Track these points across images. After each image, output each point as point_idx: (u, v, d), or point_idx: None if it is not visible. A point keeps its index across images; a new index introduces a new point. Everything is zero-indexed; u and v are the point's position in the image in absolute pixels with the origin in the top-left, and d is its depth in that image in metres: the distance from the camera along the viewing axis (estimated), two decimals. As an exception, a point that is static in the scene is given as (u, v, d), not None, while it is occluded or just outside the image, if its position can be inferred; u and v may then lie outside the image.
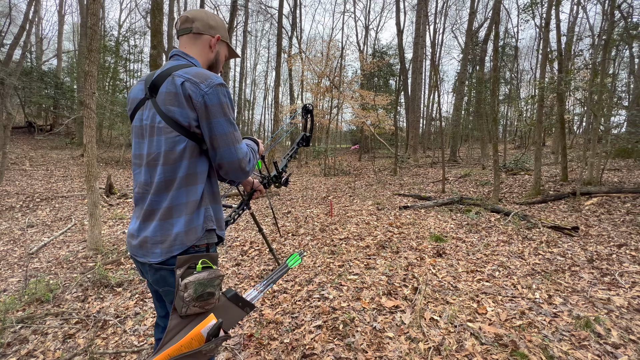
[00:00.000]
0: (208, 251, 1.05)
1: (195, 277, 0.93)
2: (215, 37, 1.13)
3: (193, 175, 0.99)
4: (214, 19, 1.12)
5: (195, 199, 0.99)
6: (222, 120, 0.97)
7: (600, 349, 1.88)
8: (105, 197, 7.29)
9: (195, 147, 0.99)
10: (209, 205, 1.04)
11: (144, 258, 1.01)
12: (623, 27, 6.33)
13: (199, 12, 1.10)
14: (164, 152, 0.96)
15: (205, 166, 1.03)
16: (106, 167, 12.93)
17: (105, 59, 16.19)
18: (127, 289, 2.93)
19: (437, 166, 12.74)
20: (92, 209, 3.83)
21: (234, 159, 1.01)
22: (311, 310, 2.41)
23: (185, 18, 1.08)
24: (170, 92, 0.95)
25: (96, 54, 3.50)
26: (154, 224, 0.98)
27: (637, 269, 2.92)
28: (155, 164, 0.99)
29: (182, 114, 0.95)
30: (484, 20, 20.96)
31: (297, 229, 4.87)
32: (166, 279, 1.00)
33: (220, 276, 0.98)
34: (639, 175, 6.92)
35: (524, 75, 24.45)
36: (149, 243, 0.99)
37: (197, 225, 1.00)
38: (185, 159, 0.97)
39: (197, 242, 1.00)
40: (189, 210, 0.98)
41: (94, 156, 3.74)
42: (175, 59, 1.06)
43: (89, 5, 3.51)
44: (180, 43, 1.11)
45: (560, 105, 6.72)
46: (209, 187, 1.06)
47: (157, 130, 0.97)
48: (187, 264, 0.96)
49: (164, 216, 0.97)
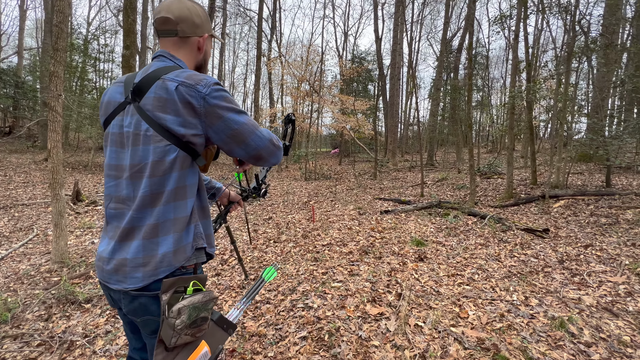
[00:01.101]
0: (196, 272, 0.96)
1: (190, 300, 0.83)
2: (203, 37, 1.03)
3: (182, 189, 0.90)
4: (197, 15, 1.01)
5: (185, 215, 0.90)
6: (234, 114, 0.90)
7: (574, 349, 1.96)
8: (72, 205, 6.84)
9: (186, 158, 0.89)
10: (198, 222, 0.95)
11: (119, 285, 0.87)
12: (583, 41, 6.81)
13: (180, 10, 0.97)
14: (151, 162, 0.86)
15: (195, 178, 0.94)
16: (73, 172, 12.18)
17: (72, 57, 15.32)
18: (97, 304, 2.73)
19: (416, 170, 13.06)
20: (58, 219, 3.56)
21: (266, 142, 0.97)
22: (295, 321, 2.36)
23: (166, 19, 0.96)
24: (162, 97, 0.85)
25: (63, 53, 3.27)
26: (135, 244, 0.87)
27: (603, 269, 3.10)
28: (140, 176, 0.87)
29: (177, 122, 0.85)
30: (457, 29, 21.90)
31: (278, 236, 4.78)
32: (147, 307, 0.88)
33: (214, 298, 0.89)
34: (599, 179, 7.42)
35: (495, 83, 25.72)
36: (128, 266, 0.86)
37: (186, 244, 0.90)
38: (176, 170, 0.87)
39: (185, 262, 0.90)
40: (178, 228, 0.89)
41: (59, 162, 3.49)
42: (161, 60, 0.96)
43: (56, 2, 3.29)
44: (163, 44, 1.00)
45: (529, 112, 7.11)
46: (198, 202, 0.97)
47: (144, 139, 0.86)
48: (173, 288, 0.86)
49: (149, 234, 0.86)
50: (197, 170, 0.95)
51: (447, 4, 15.21)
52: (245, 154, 0.96)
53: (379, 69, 18.62)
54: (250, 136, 0.93)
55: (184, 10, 0.97)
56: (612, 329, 2.15)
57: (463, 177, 9.97)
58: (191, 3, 1.00)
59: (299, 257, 3.78)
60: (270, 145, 0.98)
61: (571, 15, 6.53)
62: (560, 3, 6.77)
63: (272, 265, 1.63)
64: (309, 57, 15.75)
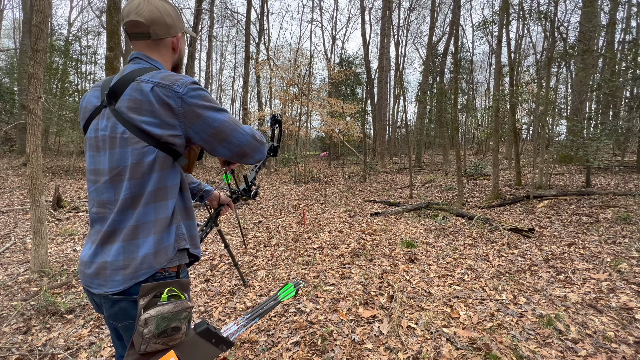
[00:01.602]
0: (178, 276, 0.93)
1: (158, 310, 0.80)
2: (177, 37, 1.02)
3: (163, 190, 0.88)
4: (169, 15, 0.98)
5: (166, 216, 0.89)
6: (214, 113, 0.88)
7: (562, 345, 2.01)
8: (53, 211, 6.58)
9: (166, 159, 0.88)
10: (181, 223, 0.93)
11: (100, 289, 0.86)
12: (562, 47, 7.08)
13: (150, 11, 0.93)
14: (130, 165, 0.84)
15: (177, 179, 0.92)
16: (53, 177, 11.76)
17: (52, 59, 14.85)
18: (79, 315, 2.62)
19: (404, 172, 13.21)
20: (37, 226, 3.41)
21: (249, 138, 0.95)
22: (287, 326, 2.32)
23: (137, 23, 0.92)
24: (137, 99, 0.83)
25: (42, 54, 3.16)
26: (115, 246, 0.85)
27: (586, 266, 3.19)
28: (120, 179, 0.86)
29: (154, 123, 0.84)
30: (442, 34, 22.41)
31: (269, 240, 4.73)
32: (127, 312, 0.87)
33: (187, 308, 0.85)
34: (579, 179, 7.69)
35: (479, 87, 26.42)
36: (108, 269, 0.85)
37: (167, 245, 0.88)
38: (155, 171, 0.86)
39: (167, 263, 0.88)
40: (159, 229, 0.87)
41: (39, 167, 3.35)
42: (137, 62, 0.94)
43: (35, 2, 3.18)
44: (136, 46, 0.98)
45: (512, 115, 7.31)
46: (180, 202, 0.95)
47: (121, 141, 0.85)
48: (152, 293, 0.83)
49: (129, 236, 0.85)
50: (179, 170, 0.94)
51: (432, 10, 15.55)
52: (229, 152, 0.95)
53: (367, 73, 18.84)
54: (232, 133, 0.92)
55: (154, 11, 0.94)
56: (597, 325, 2.21)
57: (450, 178, 10.15)
58: (160, 2, 0.97)
59: (290, 261, 3.74)
60: (253, 141, 0.97)
61: (550, 22, 6.78)
62: (540, 10, 7.03)
63: (291, 283, 1.52)
64: (297, 61, 15.78)
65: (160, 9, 0.95)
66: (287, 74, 15.92)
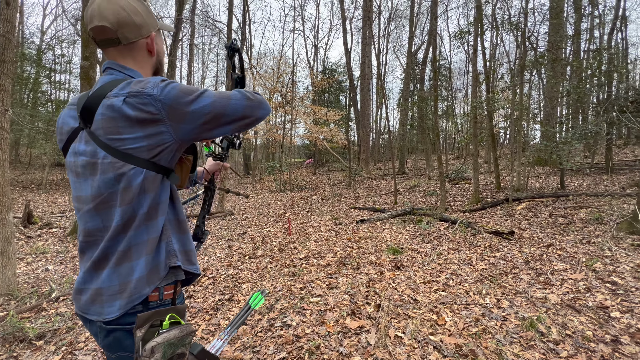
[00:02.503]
0: (174, 303, 0.88)
1: (164, 337, 0.76)
2: (151, 37, 0.91)
3: (154, 208, 0.83)
4: (137, 13, 0.87)
5: (156, 235, 0.84)
6: (198, 99, 0.80)
7: (544, 347, 2.05)
8: (23, 228, 6.23)
9: (155, 177, 0.82)
10: (170, 238, 0.87)
11: (97, 316, 0.81)
12: (533, 56, 7.45)
13: (115, 13, 0.83)
14: (119, 191, 0.79)
15: (166, 194, 0.86)
16: (24, 191, 11.17)
17: (24, 68, 14.25)
18: (50, 340, 2.46)
19: (388, 178, 13.39)
20: (4, 246, 3.20)
21: (243, 101, 0.85)
22: (274, 341, 2.26)
23: (102, 29, 0.83)
24: (111, 117, 0.76)
25: (10, 65, 3.01)
26: (107, 272, 0.81)
27: (564, 267, 3.30)
28: (107, 207, 0.81)
29: (138, 138, 0.77)
30: (422, 43, 23.11)
31: (254, 251, 4.64)
32: (121, 342, 0.82)
33: (192, 332, 0.82)
34: (554, 181, 8.02)
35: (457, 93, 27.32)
36: (104, 295, 0.80)
37: (158, 263, 0.83)
38: (146, 192, 0.81)
39: (160, 282, 0.83)
40: (149, 249, 0.82)
41: (6, 183, 3.16)
42: (109, 74, 0.86)
43: (2, 11, 3.04)
44: (108, 54, 0.88)
45: (490, 121, 7.58)
46: (172, 215, 0.89)
47: (103, 167, 0.78)
48: (149, 322, 0.79)
49: (121, 260, 0.80)
50: (168, 184, 0.88)
51: (410, 20, 16.07)
52: (232, 127, 0.86)
53: (350, 81, 19.12)
54: (226, 108, 0.82)
55: (120, 12, 0.84)
56: (576, 325, 2.27)
57: (433, 183, 10.35)
58: (129, 3, 0.86)
59: (275, 272, 3.68)
60: (249, 102, 0.86)
61: (521, 32, 7.13)
62: (511, 21, 7.38)
63: (259, 291, 1.54)
64: (280, 69, 15.84)
65: (126, 8, 0.85)
66: (270, 82, 15.93)
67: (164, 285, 0.85)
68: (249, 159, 20.91)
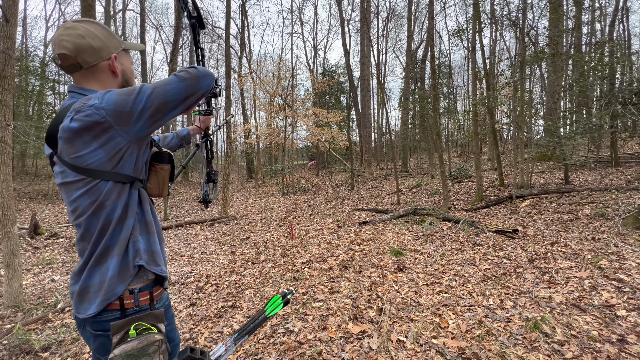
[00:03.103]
0: (153, 308, 0.93)
1: (122, 349, 0.81)
2: (112, 58, 0.95)
3: (126, 210, 0.91)
4: (95, 38, 0.91)
5: (126, 236, 0.91)
6: (138, 97, 0.82)
7: (549, 348, 2.02)
8: (30, 240, 6.31)
9: (123, 186, 0.89)
10: (137, 238, 0.93)
11: (85, 313, 0.88)
12: (533, 51, 7.39)
13: (73, 39, 0.88)
14: (89, 204, 0.86)
15: (134, 196, 0.93)
16: (31, 202, 11.32)
17: (28, 81, 14.48)
18: (56, 352, 2.49)
19: (391, 178, 13.34)
20: (10, 259, 3.25)
21: (182, 83, 0.86)
22: (276, 348, 2.26)
23: (63, 56, 0.88)
24: (66, 138, 0.82)
25: (11, 80, 3.06)
26: (91, 271, 0.89)
27: (569, 264, 3.26)
28: (88, 217, 0.88)
29: (94, 149, 0.82)
30: (421, 41, 23.04)
31: (257, 256, 4.65)
32: (106, 347, 0.88)
33: (154, 342, 0.85)
34: (559, 176, 7.93)
35: (459, 90, 27.17)
36: (91, 293, 0.88)
37: (127, 262, 0.90)
38: (118, 198, 0.89)
39: (132, 281, 0.90)
40: (120, 250, 0.90)
41: (10, 197, 3.21)
42: (70, 97, 0.91)
43: (2, 28, 3.10)
44: (75, 78, 0.94)
45: (491, 118, 7.53)
46: (140, 216, 0.95)
47: (74, 185, 0.86)
48: (123, 330, 0.84)
49: (100, 260, 0.89)
50: (135, 189, 0.94)
51: (409, 19, 16.01)
52: (181, 109, 0.89)
53: (350, 82, 19.12)
54: (167, 96, 0.84)
55: (77, 38, 0.89)
56: (582, 324, 2.24)
57: (436, 182, 10.30)
58: (82, 26, 0.91)
59: (278, 277, 3.68)
60: (188, 81, 0.86)
61: (520, 28, 7.08)
62: (510, 17, 7.34)
63: (279, 295, 1.49)
64: (280, 72, 15.90)
65: (84, 34, 0.90)
66: (271, 86, 15.99)
67: (138, 287, 0.91)
68: (252, 163, 20.98)
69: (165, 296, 1.03)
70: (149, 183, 1.01)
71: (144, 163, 0.97)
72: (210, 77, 0.91)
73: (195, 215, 9.47)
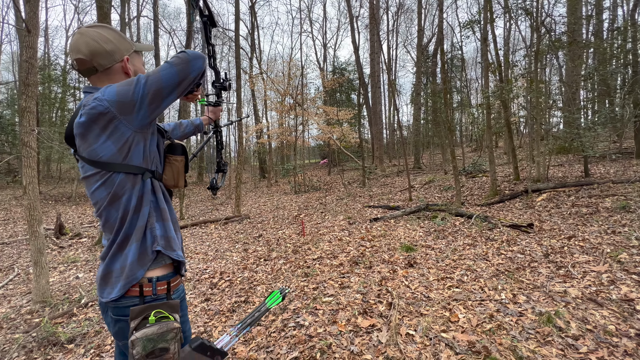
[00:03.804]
0: (169, 298, 0.98)
1: (143, 332, 0.86)
2: (124, 60, 1.01)
3: (140, 199, 0.96)
4: (107, 42, 0.97)
5: (143, 223, 0.96)
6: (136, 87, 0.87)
7: (562, 343, 1.98)
8: (55, 239, 6.63)
9: (132, 177, 0.94)
10: (154, 224, 0.99)
11: (107, 296, 0.94)
12: (548, 40, 7.14)
13: (88, 44, 0.94)
14: (105, 195, 0.93)
15: (148, 185, 0.98)
16: (56, 204, 11.86)
17: (51, 89, 15.14)
18: (80, 344, 2.63)
19: (403, 175, 13.21)
20: (37, 257, 3.44)
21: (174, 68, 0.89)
22: (287, 341, 2.31)
23: (80, 61, 0.95)
24: (80, 133, 0.89)
25: (34, 88, 3.24)
26: (114, 257, 0.95)
27: (586, 259, 3.16)
28: (107, 208, 0.95)
29: (104, 141, 0.88)
30: (432, 35, 22.63)
31: (269, 253, 4.73)
32: (124, 332, 0.94)
33: (173, 329, 0.90)
34: (578, 169, 7.65)
35: (472, 84, 26.51)
36: (112, 278, 0.94)
37: (146, 248, 0.96)
38: (132, 188, 0.94)
39: (151, 265, 0.96)
40: (139, 236, 0.95)
41: (36, 198, 3.40)
42: (85, 97, 0.97)
43: (25, 38, 3.28)
44: (91, 81, 1.00)
45: (505, 111, 7.34)
46: (154, 204, 1.00)
47: (93, 178, 0.93)
48: (142, 316, 0.89)
49: (121, 247, 0.95)
50: (150, 179, 0.99)
51: (419, 13, 15.78)
52: (178, 92, 0.93)
53: (360, 79, 19.00)
54: (161, 82, 0.88)
55: (91, 43, 0.95)
56: (598, 319, 2.18)
57: (449, 178, 10.13)
58: (96, 31, 0.96)
59: (289, 274, 3.74)
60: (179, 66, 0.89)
61: (535, 16, 6.86)
62: (525, 5, 7.11)
63: (278, 290, 1.55)
64: (290, 72, 15.98)
65: (97, 38, 0.95)
66: (281, 86, 16.11)
67: (156, 276, 0.96)
68: (264, 163, 21.21)
69: (181, 288, 1.08)
70: (164, 175, 1.06)
71: (154, 153, 1.02)
72: (200, 59, 0.94)
73: (210, 214, 9.69)
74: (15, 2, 4.91)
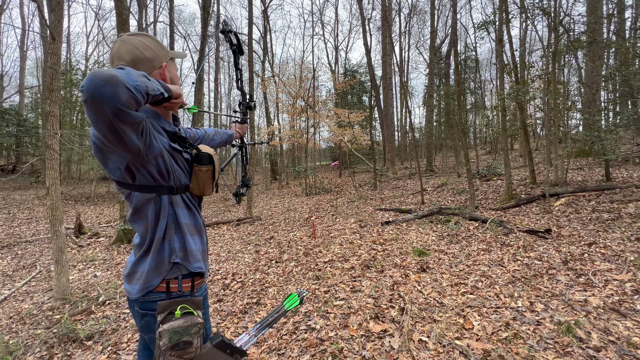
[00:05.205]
0: (193, 295, 1.03)
1: (170, 325, 0.90)
2: (163, 66, 1.04)
3: (157, 214, 1.00)
4: (148, 49, 0.99)
5: (160, 235, 1.00)
6: None
7: (583, 354, 1.91)
8: (75, 238, 6.86)
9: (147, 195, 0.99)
10: (172, 237, 1.02)
11: (128, 293, 1.02)
12: (567, 39, 6.94)
13: (130, 52, 0.95)
14: (132, 206, 1.01)
15: (165, 200, 1.01)
16: (76, 204, 12.27)
17: (72, 93, 15.73)
18: (98, 341, 2.71)
19: (416, 177, 13.05)
20: (58, 255, 3.57)
21: (89, 114, 0.78)
22: (298, 344, 2.32)
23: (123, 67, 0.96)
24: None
25: (57, 93, 3.38)
26: (137, 260, 1.02)
27: (608, 267, 3.05)
28: (132, 218, 1.03)
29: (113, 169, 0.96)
30: (445, 36, 22.36)
31: (280, 255, 4.76)
32: (150, 326, 0.99)
33: (197, 324, 0.94)
34: (599, 173, 7.38)
35: (487, 85, 26.01)
36: (135, 278, 1.01)
37: (163, 259, 1.00)
38: (147, 204, 1.00)
39: (167, 275, 1.00)
40: (156, 247, 1.00)
41: (58, 199, 3.53)
42: None
43: (49, 45, 3.43)
44: None
45: (521, 113, 7.16)
46: (173, 217, 1.03)
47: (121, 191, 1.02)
48: (167, 310, 0.94)
49: (144, 254, 1.01)
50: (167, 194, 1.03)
51: (432, 14, 15.62)
52: (119, 132, 0.82)
53: (371, 81, 18.92)
54: (92, 132, 0.92)
55: (134, 50, 0.97)
56: (621, 330, 2.10)
57: (463, 181, 9.95)
58: (137, 39, 0.99)
59: (300, 276, 3.75)
60: (90, 109, 0.74)
61: (553, 16, 6.68)
62: (542, 4, 6.94)
63: (296, 292, 1.57)
64: (302, 74, 16.07)
65: (139, 46, 0.98)
66: (293, 89, 16.21)
67: (172, 277, 1.00)
68: (276, 165, 21.35)
69: (204, 287, 1.13)
70: (191, 184, 1.09)
71: (174, 169, 1.01)
72: (109, 85, 0.71)
73: (222, 215, 9.82)
74: (41, 11, 5.14)
